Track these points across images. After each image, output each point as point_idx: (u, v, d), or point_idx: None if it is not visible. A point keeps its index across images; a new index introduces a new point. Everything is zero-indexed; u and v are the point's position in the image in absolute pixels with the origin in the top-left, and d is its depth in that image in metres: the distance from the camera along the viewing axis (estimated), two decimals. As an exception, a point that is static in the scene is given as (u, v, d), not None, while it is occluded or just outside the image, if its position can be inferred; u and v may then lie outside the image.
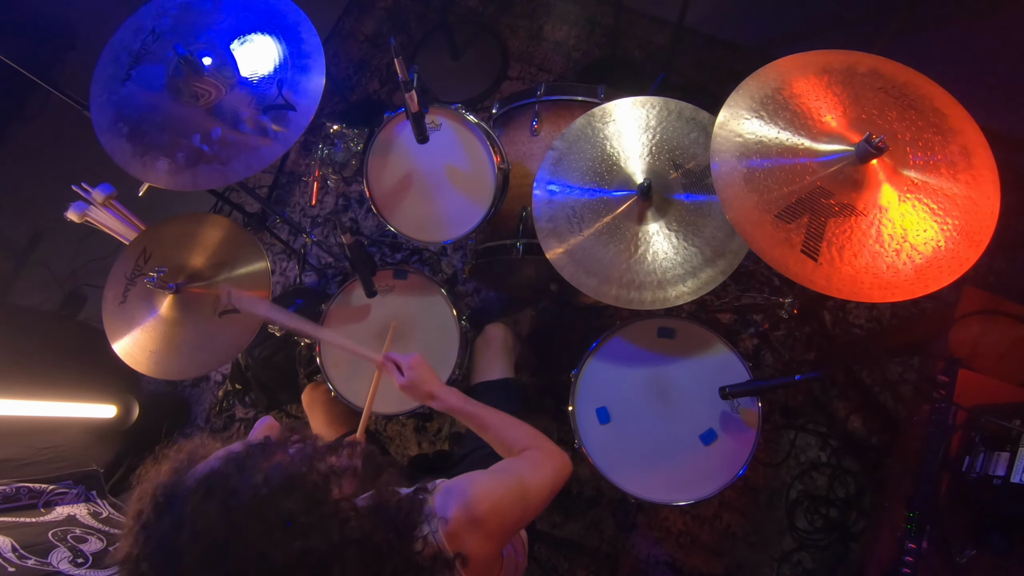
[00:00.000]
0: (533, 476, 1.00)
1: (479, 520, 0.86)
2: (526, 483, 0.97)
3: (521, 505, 0.94)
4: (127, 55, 1.46)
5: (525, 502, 0.95)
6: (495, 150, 1.55)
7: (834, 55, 1.25)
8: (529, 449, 1.08)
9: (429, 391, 1.16)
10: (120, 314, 1.51)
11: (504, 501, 0.91)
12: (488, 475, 0.97)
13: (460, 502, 0.86)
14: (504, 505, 0.90)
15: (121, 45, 1.47)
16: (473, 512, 0.86)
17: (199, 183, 1.37)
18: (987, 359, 1.44)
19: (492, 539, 0.88)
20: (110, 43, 1.48)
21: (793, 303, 1.69)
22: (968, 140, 1.16)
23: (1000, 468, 1.28)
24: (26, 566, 1.63)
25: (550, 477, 1.02)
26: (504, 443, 1.13)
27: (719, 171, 1.19)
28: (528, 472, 1.00)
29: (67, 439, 2.02)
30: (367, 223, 2.48)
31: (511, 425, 1.14)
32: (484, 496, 0.88)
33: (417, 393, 1.16)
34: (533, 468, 1.02)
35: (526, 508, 0.95)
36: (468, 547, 0.84)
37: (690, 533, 2.02)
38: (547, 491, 1.01)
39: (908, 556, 1.31)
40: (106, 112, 1.42)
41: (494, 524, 0.88)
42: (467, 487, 0.90)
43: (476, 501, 0.87)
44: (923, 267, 1.11)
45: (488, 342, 1.65)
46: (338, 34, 2.76)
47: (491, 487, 0.92)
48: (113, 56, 1.46)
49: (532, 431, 1.14)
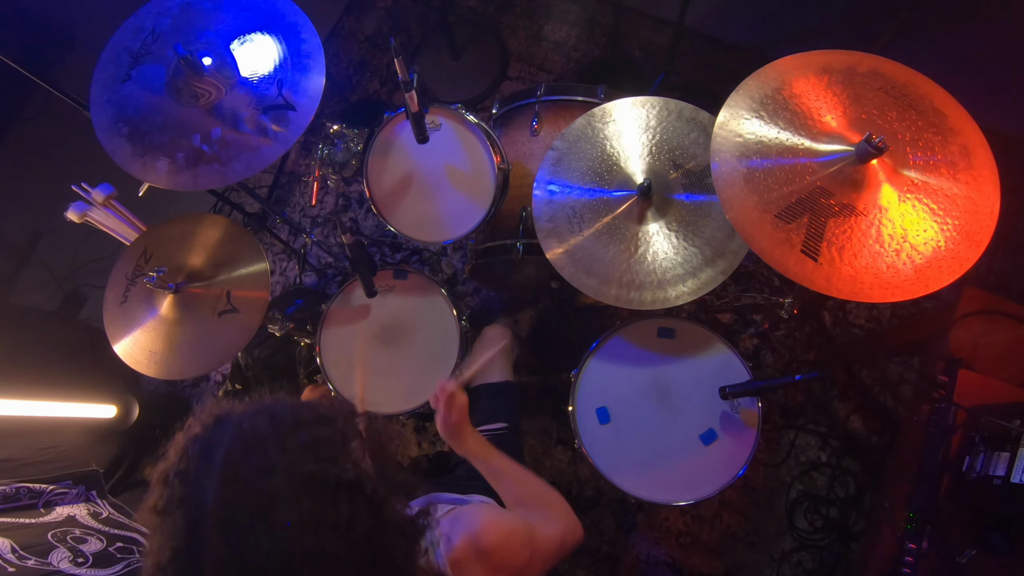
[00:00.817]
0: (543, 526, 0.98)
1: (485, 552, 0.85)
2: (535, 530, 0.95)
3: (529, 549, 0.92)
4: (127, 55, 1.45)
5: (533, 548, 0.93)
6: (495, 150, 1.55)
7: (834, 55, 1.25)
8: (546, 506, 1.07)
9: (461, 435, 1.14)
10: (121, 314, 1.51)
11: (512, 539, 0.90)
12: (499, 512, 0.97)
13: (468, 530, 0.86)
14: (512, 543, 0.90)
15: (121, 45, 1.47)
16: (480, 542, 0.85)
17: (199, 183, 1.37)
18: (987, 359, 1.44)
19: (497, 573, 0.88)
20: (110, 44, 1.47)
21: (793, 303, 1.69)
22: (968, 140, 1.16)
23: (1000, 468, 1.28)
24: (26, 566, 1.63)
25: (559, 534, 1.00)
26: (517, 495, 1.10)
27: (719, 171, 1.19)
28: (539, 521, 0.99)
29: (67, 439, 2.02)
30: (367, 223, 2.48)
31: (528, 480, 1.12)
32: (493, 529, 0.88)
33: (450, 434, 1.14)
34: (544, 519, 1.01)
35: (533, 555, 0.93)
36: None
37: (690, 533, 2.02)
38: (556, 546, 0.98)
39: (908, 556, 1.31)
40: (106, 112, 1.42)
41: (499, 559, 0.87)
42: (476, 518, 0.90)
43: (484, 532, 0.87)
44: (923, 267, 1.11)
45: (486, 342, 1.64)
46: (338, 34, 2.76)
47: (501, 523, 0.92)
48: (113, 56, 1.46)
49: (549, 490, 1.11)
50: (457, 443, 1.15)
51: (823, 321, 2.15)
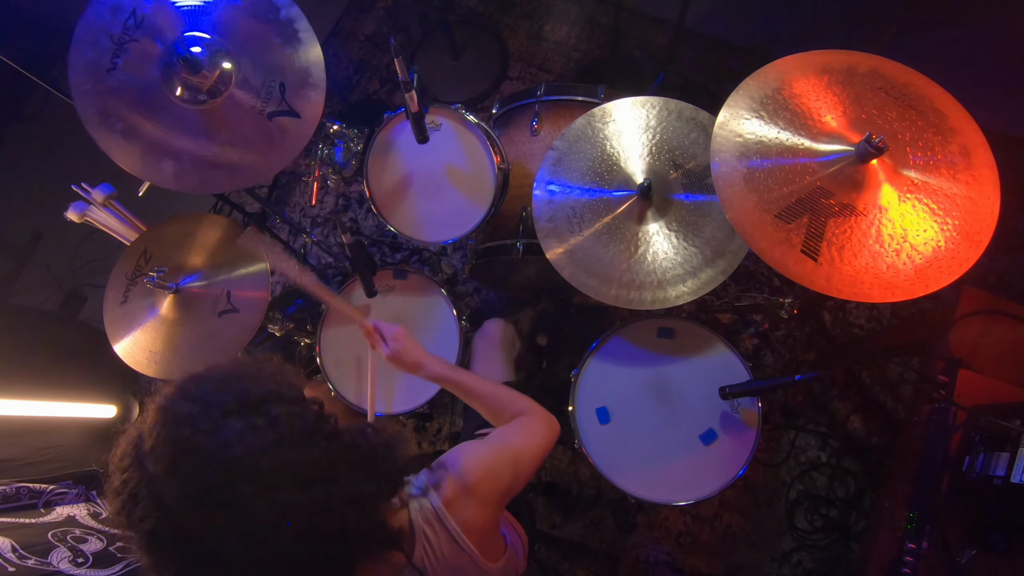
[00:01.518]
0: (524, 442, 1.04)
1: (472, 487, 0.91)
2: (517, 449, 1.01)
3: (512, 471, 0.97)
4: (107, 39, 1.35)
5: (516, 467, 0.99)
6: (495, 150, 1.55)
7: (834, 55, 1.25)
8: (519, 415, 1.11)
9: (415, 360, 1.17)
10: (121, 314, 1.51)
11: (496, 467, 0.96)
12: (479, 443, 1.01)
13: (453, 470, 0.92)
14: (496, 471, 0.95)
15: (98, 25, 1.36)
16: (465, 479, 0.91)
17: (207, 187, 1.38)
18: (987, 359, 1.44)
19: (487, 505, 0.93)
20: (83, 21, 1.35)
21: (793, 303, 1.69)
22: (968, 140, 1.16)
23: (1000, 468, 1.28)
24: (26, 566, 1.63)
25: (540, 441, 1.06)
26: (492, 410, 1.15)
27: (719, 171, 1.19)
28: (519, 438, 1.04)
29: (67, 439, 2.02)
30: (367, 223, 2.48)
31: (498, 391, 1.16)
32: (475, 464, 0.94)
33: (404, 364, 1.18)
34: (524, 434, 1.06)
35: (517, 473, 0.99)
36: (465, 514, 0.90)
37: (690, 533, 2.02)
38: (538, 455, 1.05)
39: (908, 556, 1.31)
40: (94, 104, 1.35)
41: (486, 489, 0.92)
42: (459, 457, 0.95)
43: (467, 469, 0.92)
44: (923, 267, 1.11)
45: (486, 339, 1.63)
46: (338, 34, 2.75)
47: (483, 454, 0.97)
48: (90, 37, 1.35)
49: (519, 396, 1.16)
50: (419, 371, 1.18)
51: (823, 321, 2.15)
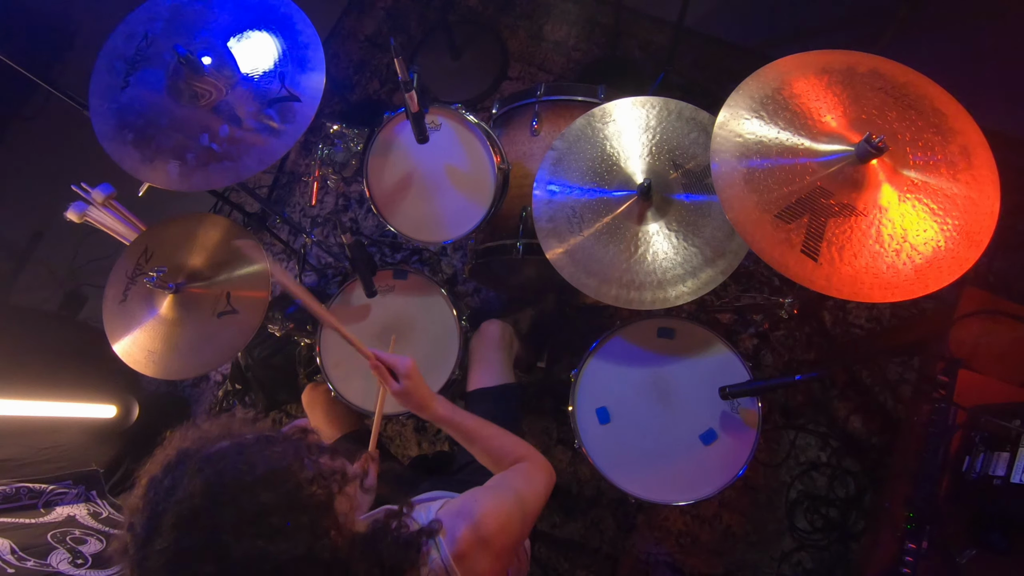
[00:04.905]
0: (528, 489, 1.01)
1: (488, 539, 0.87)
2: (524, 497, 0.98)
3: (522, 521, 0.95)
4: (122, 63, 1.44)
5: (524, 516, 0.96)
6: (495, 150, 1.55)
7: (834, 55, 1.25)
8: (519, 461, 1.09)
9: (422, 400, 1.13)
10: (120, 314, 1.50)
11: (510, 519, 0.92)
12: (489, 493, 0.97)
13: (468, 523, 0.87)
14: (511, 523, 0.92)
15: (114, 53, 1.45)
16: (481, 532, 0.87)
17: (212, 182, 1.38)
18: (987, 359, 1.44)
19: (500, 558, 0.89)
20: (103, 52, 1.46)
21: (793, 303, 1.69)
22: (968, 140, 1.16)
23: (1000, 468, 1.28)
24: (26, 567, 1.63)
25: (543, 489, 1.04)
26: (493, 456, 1.12)
27: (719, 171, 1.19)
28: (523, 486, 1.01)
29: (67, 439, 2.02)
30: (367, 223, 2.48)
31: (498, 436, 1.14)
32: (492, 515, 0.90)
33: (410, 401, 1.13)
34: (527, 481, 1.03)
35: (525, 522, 0.96)
36: (477, 568, 0.86)
37: (690, 533, 2.02)
38: (540, 504, 1.02)
39: (908, 556, 1.31)
40: (109, 121, 1.41)
41: (501, 542, 0.89)
42: (473, 507, 0.90)
43: (484, 520, 0.88)
44: (923, 267, 1.11)
45: (484, 340, 1.61)
46: (338, 34, 2.76)
47: (497, 506, 0.93)
48: (107, 64, 1.45)
49: (520, 442, 1.14)
50: (421, 411, 1.14)
51: (823, 321, 2.15)
